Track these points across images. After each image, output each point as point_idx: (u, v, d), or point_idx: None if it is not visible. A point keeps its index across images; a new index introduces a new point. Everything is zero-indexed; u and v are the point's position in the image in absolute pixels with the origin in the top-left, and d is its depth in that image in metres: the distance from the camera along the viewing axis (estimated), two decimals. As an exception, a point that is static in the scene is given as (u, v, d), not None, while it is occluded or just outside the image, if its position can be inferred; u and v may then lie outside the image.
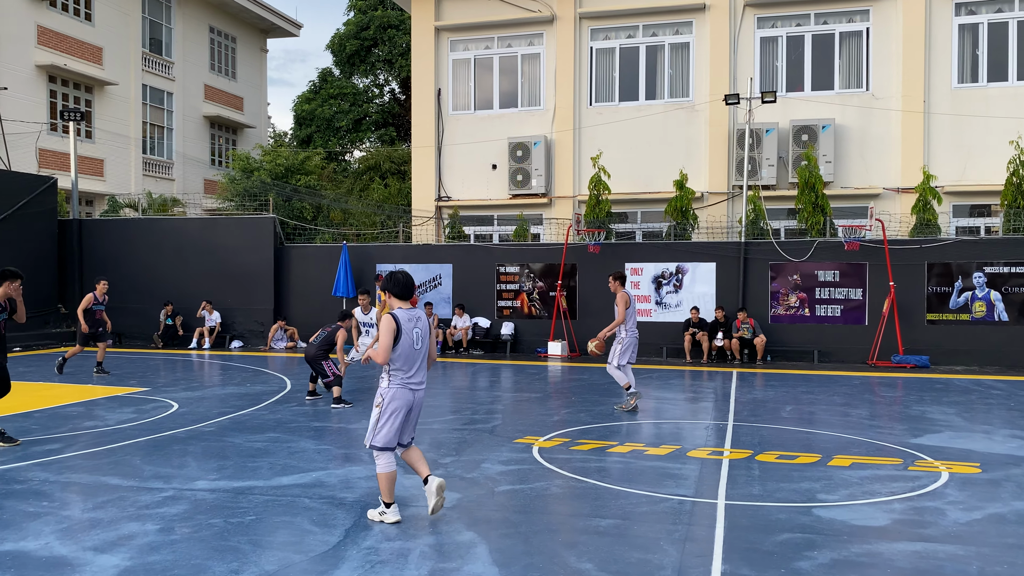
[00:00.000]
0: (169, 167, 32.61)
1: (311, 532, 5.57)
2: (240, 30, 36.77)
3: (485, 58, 22.14)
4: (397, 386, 5.79)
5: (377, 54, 35.56)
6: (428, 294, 18.55)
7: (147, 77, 31.19)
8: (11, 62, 24.91)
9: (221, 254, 19.43)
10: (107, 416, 9.98)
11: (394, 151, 32.09)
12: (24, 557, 5.03)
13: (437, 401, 11.35)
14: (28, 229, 19.19)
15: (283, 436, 8.80)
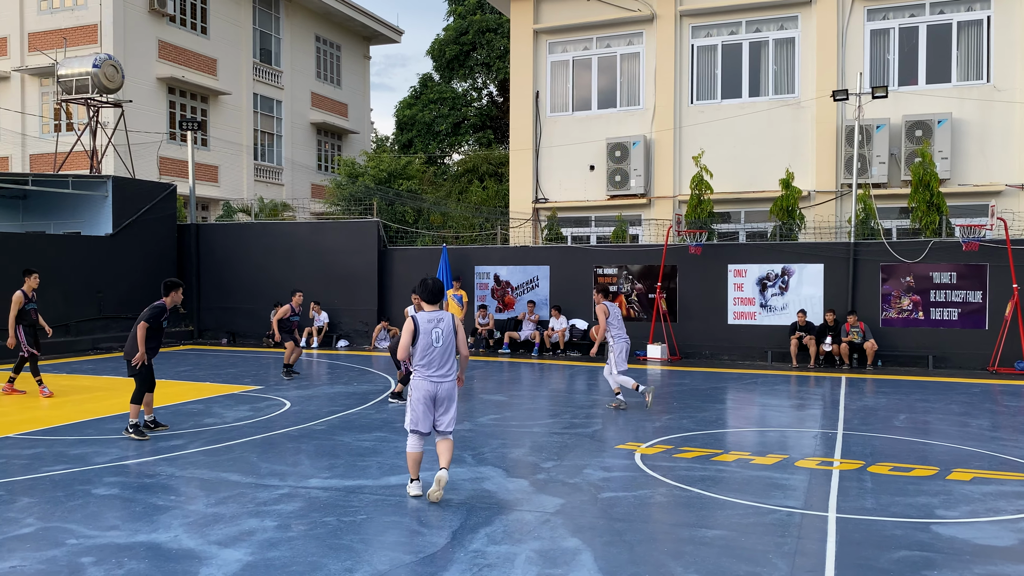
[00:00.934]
0: (279, 173, 33.93)
1: (419, 533, 5.72)
2: (344, 38, 37.89)
3: (584, 59, 22.11)
4: (419, 379, 6.57)
5: (476, 58, 35.99)
6: (525, 295, 18.68)
7: (258, 86, 32.55)
8: (135, 76, 26.44)
9: (328, 257, 20.10)
10: (225, 413, 10.49)
11: (492, 153, 32.42)
12: (157, 549, 5.36)
13: (536, 404, 11.43)
14: (150, 233, 20.34)
15: (390, 436, 9.05)
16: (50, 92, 27.22)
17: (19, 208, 21.24)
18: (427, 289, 6.70)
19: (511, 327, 18.43)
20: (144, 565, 5.05)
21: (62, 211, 20.29)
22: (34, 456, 8.02)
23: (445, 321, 6.62)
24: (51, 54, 25.97)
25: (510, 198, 23.01)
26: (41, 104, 27.91)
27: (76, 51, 25.99)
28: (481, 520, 6.01)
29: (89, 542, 5.47)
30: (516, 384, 13.44)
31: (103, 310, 18.94)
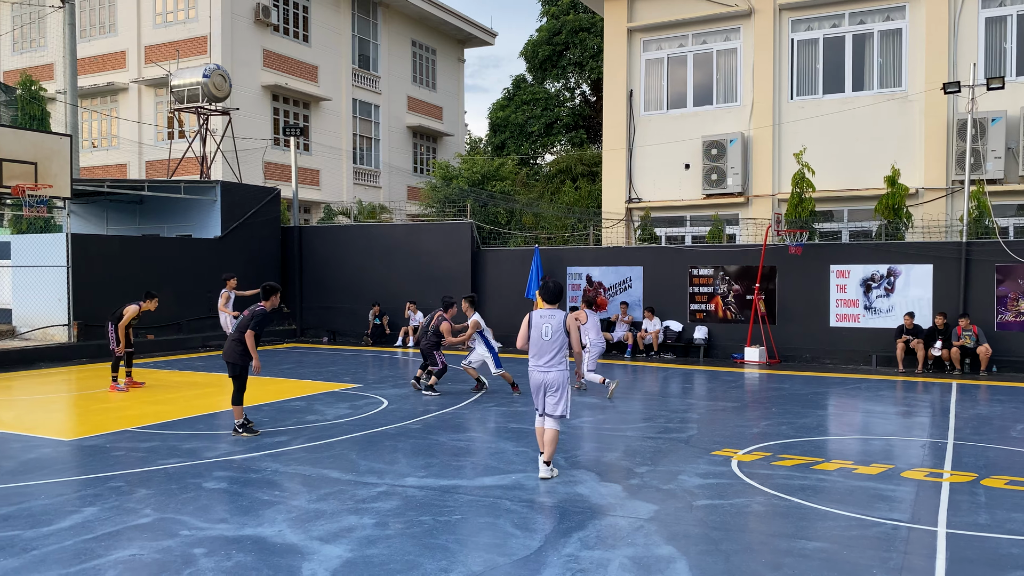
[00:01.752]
0: (376, 176, 34.76)
1: (513, 535, 5.77)
2: (440, 42, 38.50)
3: (679, 56, 21.78)
4: (531, 368, 7.52)
5: (568, 58, 35.97)
6: (618, 296, 18.54)
7: (356, 92, 33.43)
8: (242, 84, 27.57)
9: (423, 258, 20.48)
10: (325, 411, 10.83)
11: (584, 153, 32.32)
12: (262, 542, 5.59)
13: (629, 407, 11.34)
14: (256, 235, 21.18)
15: (484, 436, 9.15)
16: (164, 102, 28.68)
17: (136, 212, 22.48)
18: (547, 290, 7.58)
19: (604, 328, 18.32)
20: (251, 558, 5.28)
21: (175, 215, 21.37)
22: (150, 449, 8.48)
23: (556, 319, 7.40)
24: (165, 65, 27.37)
25: (603, 198, 22.90)
26: (156, 113, 29.44)
27: (187, 62, 27.31)
28: (574, 524, 6.02)
29: (200, 534, 5.76)
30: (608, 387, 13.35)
31: (212, 310, 19.82)
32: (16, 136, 13.62)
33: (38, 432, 9.37)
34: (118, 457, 8.11)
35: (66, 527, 5.89)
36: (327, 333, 21.52)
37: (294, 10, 30.40)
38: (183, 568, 5.09)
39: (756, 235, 18.76)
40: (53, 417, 10.52)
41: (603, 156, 23.03)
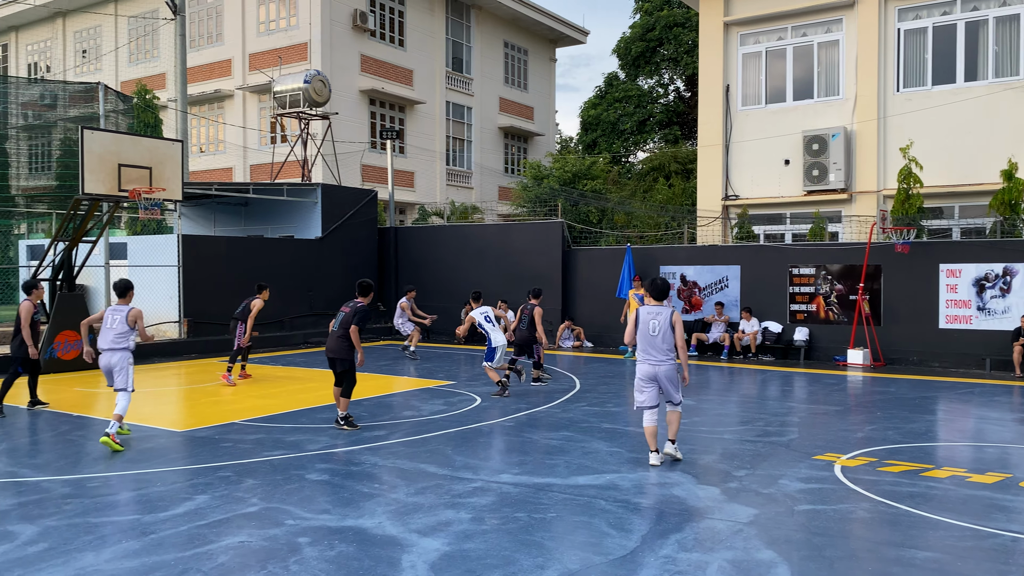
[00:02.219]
0: (468, 177, 35.17)
1: (608, 535, 5.74)
2: (531, 42, 38.63)
3: (777, 49, 21.20)
4: (640, 362, 7.84)
5: (662, 54, 35.49)
6: (714, 296, 18.18)
7: (450, 94, 33.90)
8: (341, 90, 28.36)
9: (515, 257, 20.58)
10: (421, 407, 11.03)
11: (679, 150, 31.83)
12: (363, 534, 5.74)
13: (726, 409, 11.11)
14: (354, 236, 21.75)
15: (576, 435, 9.14)
16: (267, 107, 29.77)
17: (241, 214, 23.42)
18: (655, 287, 8.00)
19: (698, 329, 18.01)
20: (352, 549, 5.43)
21: (277, 216, 22.16)
22: (256, 441, 8.82)
23: (663, 315, 7.75)
24: (268, 72, 28.41)
25: (698, 196, 22.50)
26: (259, 119, 30.59)
27: (289, 68, 28.27)
28: (671, 526, 5.94)
29: (304, 523, 5.95)
30: (704, 388, 13.13)
31: (313, 307, 20.48)
32: (133, 143, 14.39)
33: (153, 423, 9.88)
34: (227, 448, 8.47)
35: (180, 513, 6.19)
36: (422, 331, 21.88)
37: (390, 15, 31.06)
38: (289, 556, 5.28)
39: (860, 233, 18.06)
40: (166, 409, 11.08)
41: (698, 153, 22.64)
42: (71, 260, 14.87)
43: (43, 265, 15.01)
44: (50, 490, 6.85)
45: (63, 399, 11.64)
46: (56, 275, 14.81)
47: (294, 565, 5.12)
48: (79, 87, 25.78)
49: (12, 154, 26.05)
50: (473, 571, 5.03)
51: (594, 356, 17.80)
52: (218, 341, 17.73)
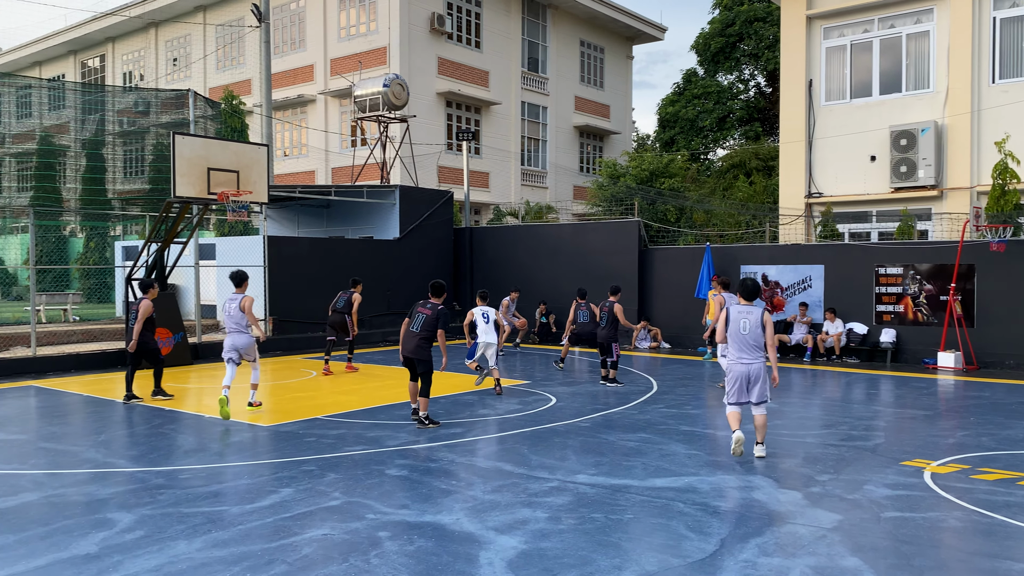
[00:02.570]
0: (543, 176, 35.21)
1: (687, 537, 5.68)
2: (608, 40, 38.42)
3: (863, 42, 20.54)
4: (732, 361, 8.07)
5: (742, 49, 34.82)
6: (797, 296, 17.73)
7: (525, 94, 34.00)
8: (419, 92, 28.78)
9: (590, 257, 20.51)
10: (497, 405, 11.10)
11: (759, 147, 31.17)
12: (441, 530, 5.82)
13: (808, 412, 10.83)
14: (430, 237, 22.05)
15: (654, 437, 9.05)
16: (347, 111, 30.43)
17: (323, 216, 24.01)
18: (745, 287, 8.17)
19: (780, 330, 17.60)
20: (431, 544, 5.51)
21: (358, 217, 22.64)
22: (338, 436, 9.04)
23: (754, 315, 7.96)
24: (348, 77, 29.05)
25: (780, 193, 21.99)
26: (340, 122, 31.31)
27: (369, 73, 28.85)
28: (751, 530, 5.83)
29: (384, 518, 6.08)
30: (786, 390, 12.83)
31: (391, 306, 20.84)
32: (221, 147, 14.93)
33: (240, 418, 10.23)
34: (309, 443, 8.71)
35: (266, 505, 6.40)
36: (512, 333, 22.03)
37: (467, 17, 31.35)
38: (370, 550, 5.40)
39: (952, 231, 17.34)
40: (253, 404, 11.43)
41: (780, 149, 22.13)
42: (163, 260, 15.52)
43: (137, 265, 15.71)
44: (145, 480, 7.17)
45: (156, 394, 12.15)
46: (149, 275, 15.48)
47: (375, 559, 5.23)
48: (170, 94, 26.87)
49: (108, 159, 27.35)
50: (550, 570, 5.05)
51: (671, 357, 17.60)
52: (302, 339, 18.22)
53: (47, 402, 11.49)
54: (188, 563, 5.15)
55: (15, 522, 5.99)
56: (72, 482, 7.13)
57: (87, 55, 42.48)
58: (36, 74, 44.17)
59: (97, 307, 26.82)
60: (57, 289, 27.09)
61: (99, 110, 27.47)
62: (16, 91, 30.70)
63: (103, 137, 27.44)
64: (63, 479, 7.23)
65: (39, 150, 27.97)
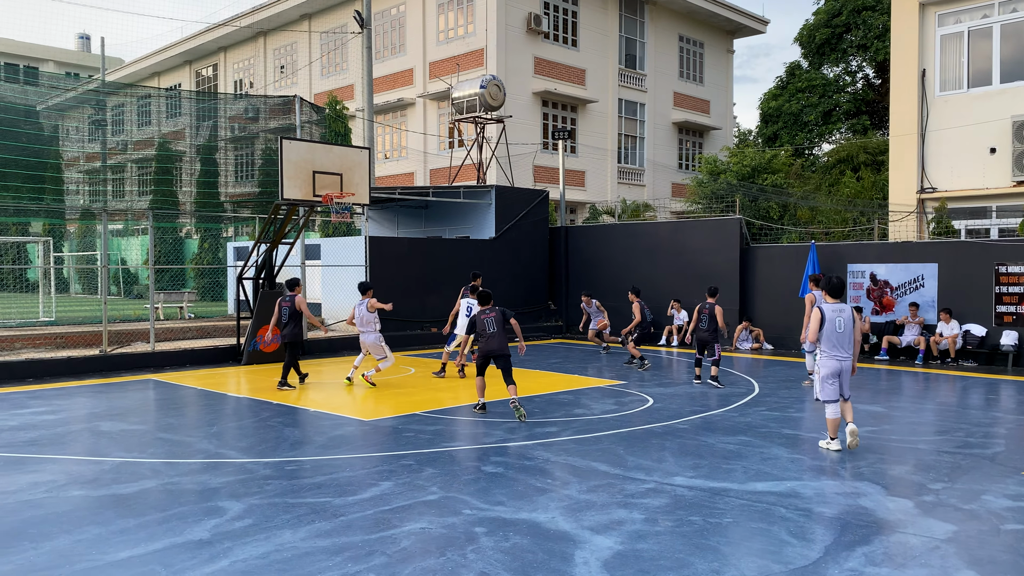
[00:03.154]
0: (640, 174, 34.82)
1: (789, 543, 5.51)
2: (707, 35, 37.68)
3: (982, 28, 19.43)
4: (827, 358, 8.21)
5: (849, 40, 33.51)
6: (907, 296, 16.94)
7: (622, 91, 33.71)
8: (515, 92, 28.95)
9: (688, 256, 20.15)
10: (592, 405, 11.06)
11: (868, 141, 29.93)
12: (537, 528, 5.84)
13: (921, 418, 10.33)
14: (526, 236, 22.14)
15: (755, 440, 8.83)
16: (445, 113, 30.90)
17: (422, 216, 24.47)
18: (832, 285, 8.29)
19: (890, 331, 16.85)
20: (527, 541, 5.54)
21: (454, 218, 22.96)
22: (435, 432, 9.20)
23: (846, 312, 8.19)
24: (446, 80, 29.49)
25: (889, 189, 21.07)
26: (439, 124, 31.82)
27: (466, 75, 29.21)
28: (857, 538, 5.61)
29: (481, 514, 6.14)
30: (896, 394, 12.28)
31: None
32: (326, 151, 15.41)
33: (343, 412, 10.54)
34: (408, 438, 8.89)
35: (367, 498, 6.57)
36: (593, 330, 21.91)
37: (563, 16, 31.33)
38: (466, 544, 5.47)
39: (1081, 226, 16.23)
40: (355, 399, 11.77)
41: (890, 143, 21.19)
42: (271, 260, 16.14)
43: (247, 265, 16.39)
44: (253, 471, 7.48)
45: (264, 388, 12.66)
46: (258, 274, 16.13)
47: (471, 553, 5.29)
48: (278, 100, 27.93)
49: (221, 164, 28.67)
50: (646, 571, 4.99)
51: (774, 359, 17.12)
52: (401, 336, 18.61)
53: (164, 395, 12.14)
54: (292, 552, 5.34)
55: (136, 507, 6.35)
56: (186, 471, 7.51)
57: (201, 64, 44.63)
58: (155, 84, 46.72)
59: (211, 305, 28.15)
60: (174, 288, 28.59)
61: (212, 117, 28.83)
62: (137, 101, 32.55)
63: (216, 143, 28.79)
64: (178, 468, 7.63)
65: (157, 156, 29.59)
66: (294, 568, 5.06)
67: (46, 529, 5.82)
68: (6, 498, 6.61)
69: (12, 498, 6.61)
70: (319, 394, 12.19)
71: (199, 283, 30.87)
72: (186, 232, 33.25)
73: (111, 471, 7.48)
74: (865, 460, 7.93)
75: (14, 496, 6.67)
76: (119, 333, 16.84)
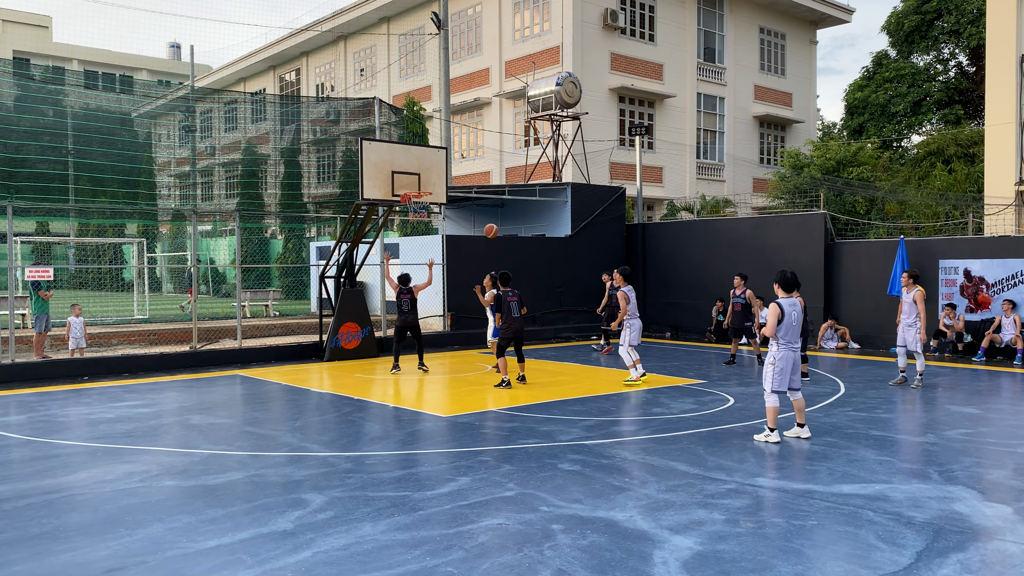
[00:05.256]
0: (720, 169, 34.17)
1: (877, 548, 5.31)
2: (789, 26, 36.73)
3: (1086, 9, 18.36)
4: (785, 349, 8.54)
5: (941, 26, 32.14)
6: (1006, 293, 16.13)
7: (701, 85, 33.15)
8: (590, 89, 28.80)
9: (770, 252, 19.65)
10: (671, 404, 10.90)
11: (960, 132, 28.65)
12: (614, 526, 5.79)
13: (1019, 420, 9.82)
14: (602, 233, 21.99)
15: (840, 441, 8.55)
16: (521, 112, 30.98)
17: (498, 214, 24.57)
18: (785, 279, 8.80)
19: (986, 328, 16.08)
20: (604, 540, 5.49)
21: (530, 216, 22.98)
22: (511, 429, 9.22)
23: (798, 306, 8.73)
24: (522, 78, 29.55)
25: (985, 181, 20.12)
26: (514, 123, 31.92)
27: (542, 72, 29.20)
28: (952, 544, 5.37)
29: (557, 511, 6.12)
30: (993, 395, 11.72)
31: (563, 303, 21.01)
32: (404, 151, 15.65)
33: (422, 408, 10.68)
34: (485, 434, 8.94)
35: (445, 492, 6.63)
36: (669, 328, 21.64)
37: (640, 11, 31.01)
38: (543, 541, 5.46)
39: None
40: (433, 396, 11.91)
41: (985, 133, 20.24)
42: (352, 259, 16.47)
43: (329, 264, 16.76)
44: (335, 465, 7.64)
45: (346, 384, 12.93)
46: (340, 273, 16.49)
47: (548, 551, 5.28)
48: (357, 103, 28.49)
49: (304, 166, 29.42)
50: (727, 573, 4.89)
51: (861, 358, 16.57)
52: (477, 334, 18.74)
53: (250, 390, 12.53)
54: (373, 544, 5.43)
55: (223, 498, 6.57)
56: (271, 464, 7.72)
57: (284, 69, 45.90)
58: (241, 89, 48.28)
59: (294, 303, 28.94)
60: (259, 286, 29.50)
61: (295, 120, 29.61)
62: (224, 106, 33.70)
63: (298, 145, 29.56)
64: (263, 460, 7.85)
65: (243, 159, 30.57)
66: (374, 560, 5.14)
67: (140, 517, 6.07)
68: (104, 487, 6.93)
69: (109, 487, 6.92)
70: (398, 390, 12.38)
71: (284, 282, 31.77)
72: (271, 233, 34.26)
73: (200, 463, 7.76)
74: (960, 464, 7.58)
75: (111, 485, 6.98)
76: (208, 330, 17.46)
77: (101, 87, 27.24)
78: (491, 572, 4.93)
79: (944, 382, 12.91)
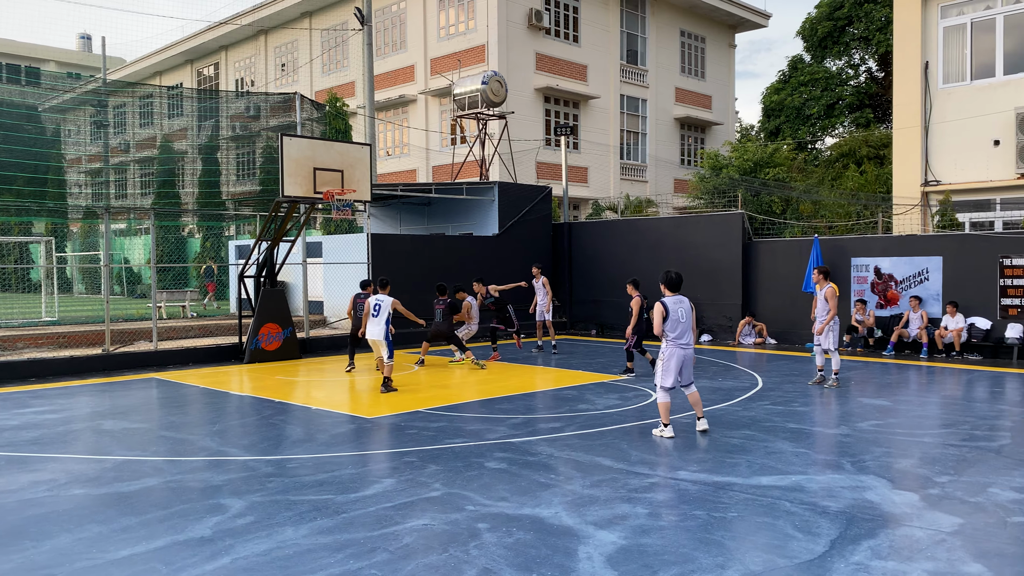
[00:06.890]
0: (643, 170, 34.75)
1: (794, 537, 5.47)
2: (709, 30, 37.58)
3: (985, 20, 19.33)
4: (672, 347, 8.62)
5: (851, 32, 33.40)
6: (912, 290, 16.87)
7: (624, 87, 33.64)
8: (518, 88, 28.89)
9: (691, 251, 20.08)
10: (596, 400, 11.02)
11: (871, 135, 29.83)
12: (540, 523, 5.81)
13: (926, 411, 10.28)
14: (529, 232, 22.09)
15: (759, 435, 8.78)
16: (447, 110, 30.85)
17: (424, 213, 24.42)
18: (670, 279, 8.83)
19: (896, 323, 16.78)
20: (530, 537, 5.50)
21: (458, 214, 22.92)
22: (438, 429, 9.16)
23: (684, 303, 8.74)
24: (448, 76, 29.43)
25: (893, 182, 20.99)
26: (440, 121, 31.77)
27: (468, 71, 29.14)
28: (863, 532, 5.57)
29: (483, 510, 6.11)
30: (901, 388, 12.23)
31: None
32: (327, 148, 15.38)
33: (344, 410, 10.51)
34: (411, 435, 8.86)
35: (369, 495, 6.54)
36: (595, 326, 21.90)
37: (564, 12, 31.25)
38: (469, 540, 5.44)
39: (1086, 218, 16.15)
40: (357, 397, 11.75)
41: (893, 136, 21.12)
42: (273, 258, 16.11)
43: (248, 263, 16.35)
44: (256, 469, 7.45)
45: (266, 386, 12.64)
46: (260, 272, 16.10)
47: (474, 550, 5.26)
48: (278, 98, 27.89)
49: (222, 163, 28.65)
50: (650, 566, 4.96)
51: (778, 353, 17.07)
52: (404, 333, 18.56)
53: (167, 393, 12.12)
54: (295, 549, 5.31)
55: (138, 505, 6.33)
56: (189, 469, 7.48)
57: (202, 63, 44.62)
58: (156, 84, 46.72)
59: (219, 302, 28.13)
60: (176, 287, 28.58)
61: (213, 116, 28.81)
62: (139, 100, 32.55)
63: (217, 141, 28.78)
64: (181, 466, 7.60)
65: (159, 156, 29.58)
66: (295, 565, 5.03)
67: (47, 528, 5.80)
68: (7, 497, 6.60)
69: (13, 497, 6.59)
70: (320, 391, 12.17)
71: (202, 282, 30.86)
72: (188, 231, 33.24)
73: (113, 469, 7.46)
74: (871, 454, 7.88)
75: (15, 495, 6.65)
76: (122, 332, 16.83)
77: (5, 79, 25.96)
78: (416, 573, 4.89)
79: (856, 376, 13.41)
